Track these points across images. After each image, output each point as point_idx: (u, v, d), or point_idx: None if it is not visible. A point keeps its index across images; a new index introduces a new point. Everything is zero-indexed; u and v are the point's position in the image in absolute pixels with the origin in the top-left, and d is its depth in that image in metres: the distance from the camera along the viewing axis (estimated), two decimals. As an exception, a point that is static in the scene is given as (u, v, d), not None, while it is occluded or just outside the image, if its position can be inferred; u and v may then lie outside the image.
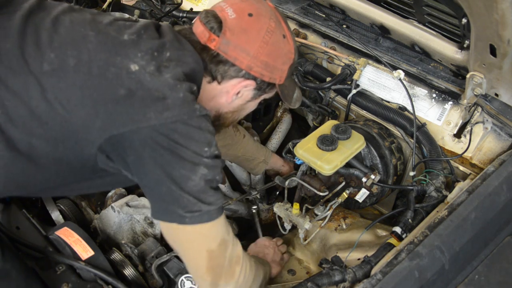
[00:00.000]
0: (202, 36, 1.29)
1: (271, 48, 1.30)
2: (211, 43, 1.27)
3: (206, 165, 1.14)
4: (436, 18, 1.74)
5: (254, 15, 1.29)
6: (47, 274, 1.37)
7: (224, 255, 1.23)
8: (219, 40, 1.27)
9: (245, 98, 1.41)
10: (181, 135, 1.11)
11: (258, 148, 2.04)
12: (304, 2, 2.32)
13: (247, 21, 1.28)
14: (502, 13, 1.23)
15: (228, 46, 1.27)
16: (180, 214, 1.14)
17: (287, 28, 1.36)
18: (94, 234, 1.78)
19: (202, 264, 1.22)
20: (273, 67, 1.34)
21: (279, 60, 1.34)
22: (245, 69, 1.30)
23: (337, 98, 2.09)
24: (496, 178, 1.52)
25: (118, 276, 1.45)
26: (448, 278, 1.36)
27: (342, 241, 1.78)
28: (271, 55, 1.31)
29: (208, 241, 1.20)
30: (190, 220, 1.15)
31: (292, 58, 1.38)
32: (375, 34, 2.09)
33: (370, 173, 1.71)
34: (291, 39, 1.37)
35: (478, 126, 1.76)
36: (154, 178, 1.13)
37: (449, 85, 1.82)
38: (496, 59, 1.43)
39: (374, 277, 1.26)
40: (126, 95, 1.10)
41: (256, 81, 1.35)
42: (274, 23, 1.31)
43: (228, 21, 1.27)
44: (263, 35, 1.28)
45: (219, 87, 1.34)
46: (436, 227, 1.37)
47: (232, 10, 1.28)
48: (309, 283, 1.36)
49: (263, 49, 1.29)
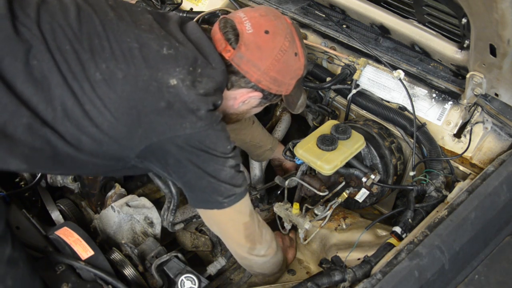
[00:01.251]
0: (218, 45, 1.37)
1: (281, 65, 1.38)
2: (226, 53, 1.36)
3: (232, 157, 1.35)
4: (436, 18, 1.74)
5: (271, 33, 1.35)
6: (47, 274, 1.37)
7: (254, 222, 1.50)
8: (234, 53, 1.35)
9: (251, 104, 1.50)
10: (211, 140, 1.29)
11: (266, 136, 2.09)
12: (304, 2, 2.32)
13: (263, 39, 1.35)
14: (502, 13, 1.23)
15: (242, 59, 1.35)
16: (220, 201, 1.37)
17: (300, 45, 1.42)
18: (94, 234, 1.78)
19: (241, 236, 1.48)
20: (281, 82, 1.42)
21: (287, 76, 1.42)
22: (254, 82, 1.39)
23: (337, 98, 2.09)
24: (496, 178, 1.52)
25: (118, 276, 1.45)
26: (448, 278, 1.36)
27: (342, 241, 1.78)
28: (281, 72, 1.39)
29: (243, 215, 1.45)
30: (228, 204, 1.38)
31: (301, 74, 1.46)
32: (375, 34, 2.09)
33: (370, 173, 1.71)
34: (303, 56, 1.44)
35: (478, 126, 1.76)
36: (194, 175, 1.33)
37: (449, 85, 1.82)
38: (496, 59, 1.43)
39: (374, 277, 1.26)
40: (166, 107, 1.23)
41: (264, 92, 1.43)
42: (289, 42, 1.38)
43: (245, 35, 1.34)
44: (276, 53, 1.36)
45: (228, 93, 1.42)
46: (436, 227, 1.37)
47: (250, 25, 1.35)
48: (309, 283, 1.36)
49: (274, 66, 1.37)
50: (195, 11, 2.39)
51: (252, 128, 2.02)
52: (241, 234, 1.48)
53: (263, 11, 1.41)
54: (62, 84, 1.18)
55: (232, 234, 1.51)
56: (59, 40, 1.21)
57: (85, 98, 1.19)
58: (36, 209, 1.90)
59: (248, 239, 1.49)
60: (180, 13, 2.35)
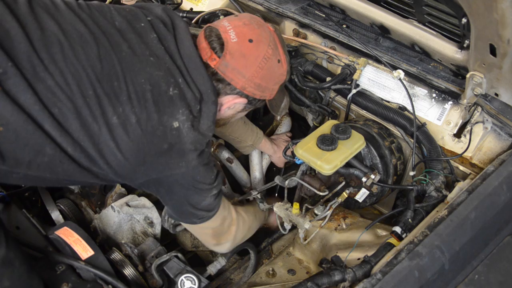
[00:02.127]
0: (204, 53, 1.41)
1: (265, 72, 1.43)
2: (211, 62, 1.40)
3: (215, 187, 1.49)
4: (436, 18, 1.74)
5: (254, 41, 1.40)
6: (47, 274, 1.37)
7: (223, 226, 1.65)
8: (219, 61, 1.39)
9: (236, 109, 1.56)
10: (201, 175, 1.41)
11: (247, 132, 2.10)
12: (304, 2, 2.32)
13: (247, 47, 1.40)
14: (502, 12, 1.23)
15: (227, 67, 1.40)
16: (193, 221, 1.55)
17: (283, 52, 1.48)
18: (94, 234, 1.78)
19: (209, 237, 1.68)
20: (265, 88, 1.47)
21: (271, 82, 1.48)
22: (239, 88, 1.44)
23: (337, 98, 2.09)
24: (496, 178, 1.52)
25: (118, 276, 1.45)
26: (448, 278, 1.36)
27: (342, 241, 1.78)
28: (264, 78, 1.44)
29: (213, 224, 1.60)
30: (201, 222, 1.55)
31: (284, 79, 1.53)
32: (375, 34, 2.09)
33: (370, 173, 1.71)
34: (285, 62, 1.50)
35: (478, 126, 1.76)
36: (178, 203, 1.50)
37: (449, 85, 1.82)
38: (496, 58, 1.43)
39: (374, 276, 1.26)
40: (168, 148, 1.31)
41: (248, 98, 1.49)
42: (272, 49, 1.43)
43: (230, 44, 1.39)
44: (260, 61, 1.41)
45: None
46: (436, 227, 1.37)
47: (234, 34, 1.40)
48: (309, 283, 1.36)
49: (258, 73, 1.42)
50: (195, 11, 2.39)
51: (232, 122, 1.97)
52: (208, 236, 1.67)
53: (247, 19, 1.46)
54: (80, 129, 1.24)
55: (200, 236, 1.72)
56: (83, 85, 1.24)
57: (101, 140, 1.26)
58: (36, 209, 1.90)
59: (214, 237, 1.67)
60: (180, 13, 2.35)
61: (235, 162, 2.16)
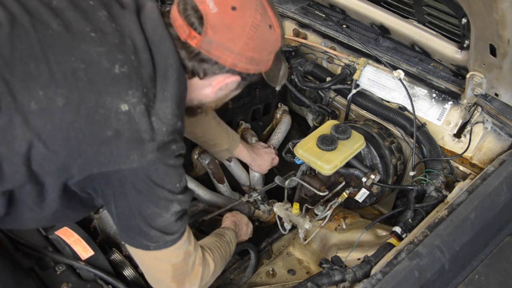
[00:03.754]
0: (181, 32, 1.19)
1: (256, 43, 1.21)
2: (191, 41, 1.18)
3: (178, 201, 1.19)
4: (436, 18, 1.74)
5: (238, 8, 1.17)
6: (47, 274, 1.37)
7: (187, 264, 1.31)
8: (200, 39, 1.17)
9: (230, 89, 1.35)
10: (159, 176, 1.14)
11: (222, 134, 1.91)
12: (304, 2, 2.32)
13: (230, 17, 1.17)
14: (502, 13, 1.23)
15: (211, 44, 1.18)
16: (145, 244, 1.21)
17: (273, 15, 1.26)
18: (94, 234, 1.77)
19: (167, 277, 1.29)
20: (259, 60, 1.26)
21: (264, 52, 1.26)
22: (229, 66, 1.23)
23: (337, 98, 2.09)
24: (496, 178, 1.52)
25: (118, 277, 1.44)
26: (448, 278, 1.36)
27: (342, 241, 1.78)
28: (257, 50, 1.23)
29: (173, 258, 1.27)
30: (155, 248, 1.22)
31: (279, 46, 1.30)
32: (375, 34, 2.09)
33: (370, 173, 1.71)
34: (278, 27, 1.27)
35: (478, 126, 1.76)
36: (126, 212, 1.17)
37: (449, 85, 1.82)
38: (496, 59, 1.43)
39: (374, 277, 1.26)
40: (113, 136, 1.08)
41: (241, 75, 1.28)
42: (260, 15, 1.20)
43: (210, 16, 1.16)
44: (248, 31, 1.19)
45: (201, 82, 1.28)
46: (436, 227, 1.37)
47: (213, 3, 1.16)
48: (309, 283, 1.36)
49: (248, 45, 1.20)
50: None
51: (204, 121, 1.82)
52: (167, 276, 1.30)
53: None
54: None
55: (156, 275, 1.33)
56: None
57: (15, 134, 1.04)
58: (36, 209, 1.89)
59: (174, 279, 1.30)
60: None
61: (234, 161, 2.16)
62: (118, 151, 1.09)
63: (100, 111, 1.07)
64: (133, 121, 1.09)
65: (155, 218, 1.18)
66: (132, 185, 1.12)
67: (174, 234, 1.22)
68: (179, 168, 1.19)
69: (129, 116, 1.09)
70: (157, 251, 1.22)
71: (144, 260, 1.30)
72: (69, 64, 1.08)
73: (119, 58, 1.12)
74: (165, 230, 1.20)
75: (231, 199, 2.14)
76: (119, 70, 1.11)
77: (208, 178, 2.16)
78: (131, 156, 1.09)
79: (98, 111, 1.07)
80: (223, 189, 2.15)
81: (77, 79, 1.07)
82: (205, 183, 2.12)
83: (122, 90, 1.10)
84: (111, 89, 1.09)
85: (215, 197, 2.08)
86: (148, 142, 1.10)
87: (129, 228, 1.21)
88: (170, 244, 1.23)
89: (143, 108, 1.10)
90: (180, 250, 1.27)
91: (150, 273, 1.34)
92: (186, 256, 1.29)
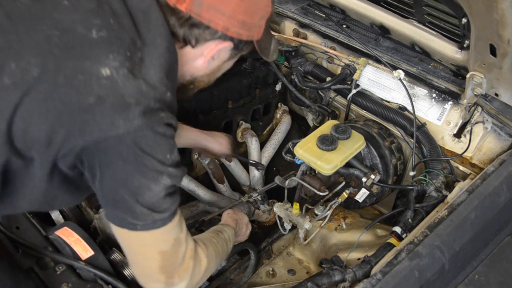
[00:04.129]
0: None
1: (247, 5, 1.18)
2: (181, 5, 1.14)
3: (169, 174, 1.11)
4: (436, 18, 1.74)
5: None
6: (47, 274, 1.37)
7: (177, 253, 1.20)
8: (190, 2, 1.14)
9: (222, 59, 1.30)
10: (148, 143, 1.06)
11: None
12: (304, 2, 2.32)
13: None
14: (502, 13, 1.23)
15: (201, 7, 1.14)
16: (131, 222, 1.11)
17: None
18: (94, 234, 1.77)
19: (155, 266, 1.18)
20: (251, 25, 1.22)
21: (256, 17, 1.23)
22: (222, 30, 1.18)
23: (337, 98, 2.09)
24: (496, 178, 1.52)
25: (118, 276, 1.44)
26: (448, 278, 1.36)
27: (342, 241, 1.78)
28: (248, 13, 1.19)
29: (161, 244, 1.17)
30: (142, 228, 1.12)
31: (269, 11, 1.27)
32: (375, 34, 2.09)
33: (370, 173, 1.71)
34: None
35: (478, 126, 1.76)
36: (112, 185, 1.09)
37: (449, 85, 1.82)
38: (496, 59, 1.43)
39: (374, 277, 1.26)
40: (95, 103, 1.02)
41: (234, 41, 1.23)
42: None
43: None
44: None
45: (193, 51, 1.24)
46: (436, 227, 1.37)
47: None
48: (309, 283, 1.36)
49: (239, 7, 1.17)
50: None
51: None
52: (155, 264, 1.18)
53: None
54: None
55: (142, 262, 1.21)
56: None
57: None
58: (36, 209, 1.89)
59: (163, 270, 1.19)
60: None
61: (234, 161, 2.16)
62: (102, 118, 1.02)
63: (80, 77, 1.02)
64: (116, 85, 1.03)
65: (143, 191, 1.08)
66: (119, 154, 1.04)
67: (163, 213, 1.12)
68: (170, 139, 1.11)
69: (111, 80, 1.03)
70: (144, 232, 1.12)
71: (131, 245, 1.19)
72: (41, 32, 1.03)
73: (96, 23, 1.07)
74: (153, 207, 1.10)
75: (231, 199, 2.14)
76: (96, 35, 1.06)
77: (208, 178, 2.17)
78: (116, 122, 1.02)
79: (77, 77, 1.02)
80: (223, 189, 2.15)
81: (51, 46, 1.02)
82: (205, 183, 2.12)
83: (102, 54, 1.04)
84: (89, 54, 1.04)
85: (215, 197, 2.09)
86: (134, 106, 1.03)
87: (114, 204, 1.11)
88: (159, 225, 1.13)
89: (126, 72, 1.04)
90: (170, 234, 1.17)
91: (136, 262, 1.23)
92: (176, 244, 1.18)
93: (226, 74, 2.25)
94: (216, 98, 2.12)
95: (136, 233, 1.12)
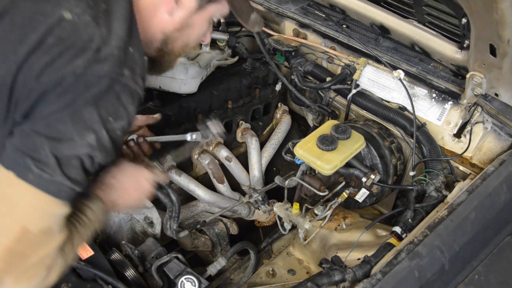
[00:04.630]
0: None
1: None
2: None
3: (100, 139, 1.00)
4: (436, 18, 1.74)
5: None
6: (47, 274, 1.37)
7: (36, 248, 0.98)
8: None
9: (188, 7, 1.19)
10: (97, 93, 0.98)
11: None
12: (304, 2, 2.32)
13: None
14: (502, 13, 1.23)
15: None
16: (26, 166, 0.94)
17: None
18: (94, 234, 1.77)
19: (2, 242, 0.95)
20: None
21: None
22: None
23: (337, 98, 2.09)
24: (496, 178, 1.52)
25: (118, 276, 1.44)
26: (448, 278, 1.36)
27: (342, 241, 1.78)
28: None
29: (33, 216, 0.97)
30: (31, 181, 0.94)
31: None
32: (375, 34, 2.09)
33: (370, 173, 1.71)
34: None
35: (478, 126, 1.76)
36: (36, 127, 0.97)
37: (449, 85, 1.82)
38: (496, 59, 1.43)
39: (374, 277, 1.26)
40: (55, 43, 0.97)
41: None
42: None
43: None
44: None
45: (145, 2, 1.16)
46: (436, 227, 1.37)
47: None
48: (309, 283, 1.36)
49: None
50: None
51: None
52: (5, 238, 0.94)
53: None
54: None
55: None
56: None
57: None
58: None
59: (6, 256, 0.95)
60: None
61: (233, 161, 2.16)
62: (61, 58, 0.97)
63: (40, 18, 0.98)
64: (78, 30, 1.00)
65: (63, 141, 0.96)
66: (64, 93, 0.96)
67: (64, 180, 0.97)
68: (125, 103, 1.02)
69: (73, 25, 0.99)
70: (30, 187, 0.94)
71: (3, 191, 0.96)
72: None
73: None
74: (61, 165, 0.96)
75: (231, 199, 2.14)
76: None
77: (208, 178, 2.17)
78: (75, 63, 0.96)
79: (36, 18, 0.98)
80: (223, 189, 2.15)
81: None
82: (205, 183, 2.12)
83: None
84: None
85: (215, 197, 2.08)
86: (95, 51, 0.98)
87: (24, 144, 0.96)
88: (52, 190, 0.96)
89: (89, 19, 1.01)
90: (49, 215, 0.98)
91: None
92: (45, 235, 0.98)
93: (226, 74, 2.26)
94: (216, 98, 2.12)
95: (19, 182, 0.94)
